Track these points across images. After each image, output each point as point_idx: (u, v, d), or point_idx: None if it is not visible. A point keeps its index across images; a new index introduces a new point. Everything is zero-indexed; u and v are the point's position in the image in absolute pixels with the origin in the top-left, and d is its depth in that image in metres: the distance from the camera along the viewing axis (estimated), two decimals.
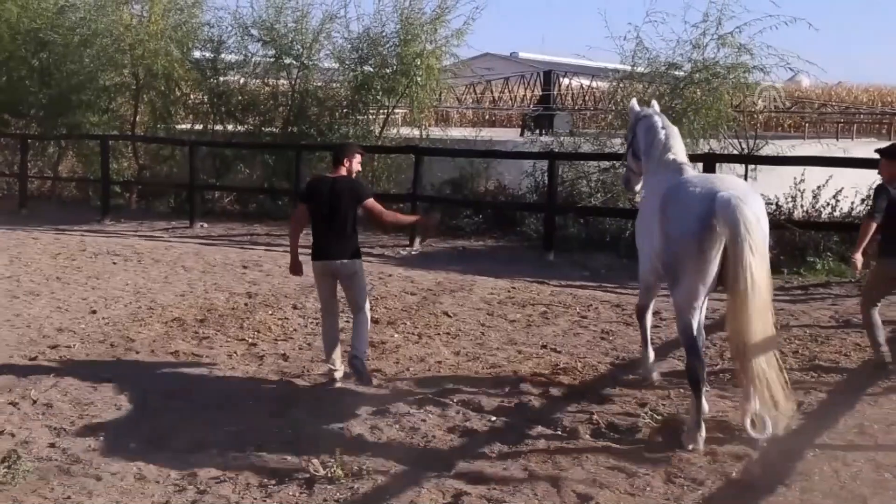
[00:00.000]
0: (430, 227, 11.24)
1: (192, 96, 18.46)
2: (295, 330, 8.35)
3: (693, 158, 12.28)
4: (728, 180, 5.89)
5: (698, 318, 5.59)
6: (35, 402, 6.16)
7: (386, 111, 16.73)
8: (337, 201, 6.70)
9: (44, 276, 10.81)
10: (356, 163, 6.93)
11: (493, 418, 5.89)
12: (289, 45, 16.34)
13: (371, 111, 16.73)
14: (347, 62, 16.37)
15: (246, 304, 9.39)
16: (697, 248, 5.29)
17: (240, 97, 17.42)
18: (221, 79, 17.46)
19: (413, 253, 12.85)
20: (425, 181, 14.10)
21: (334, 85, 16.94)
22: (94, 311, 8.98)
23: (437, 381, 6.72)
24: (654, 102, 7.11)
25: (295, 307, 9.28)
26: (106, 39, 16.99)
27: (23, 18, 17.56)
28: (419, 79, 15.57)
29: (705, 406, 5.56)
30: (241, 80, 17.60)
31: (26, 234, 14.12)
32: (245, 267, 11.58)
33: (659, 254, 5.73)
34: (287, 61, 16.52)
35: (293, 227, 7.19)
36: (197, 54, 17.65)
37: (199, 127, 18.13)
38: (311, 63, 16.61)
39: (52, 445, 5.38)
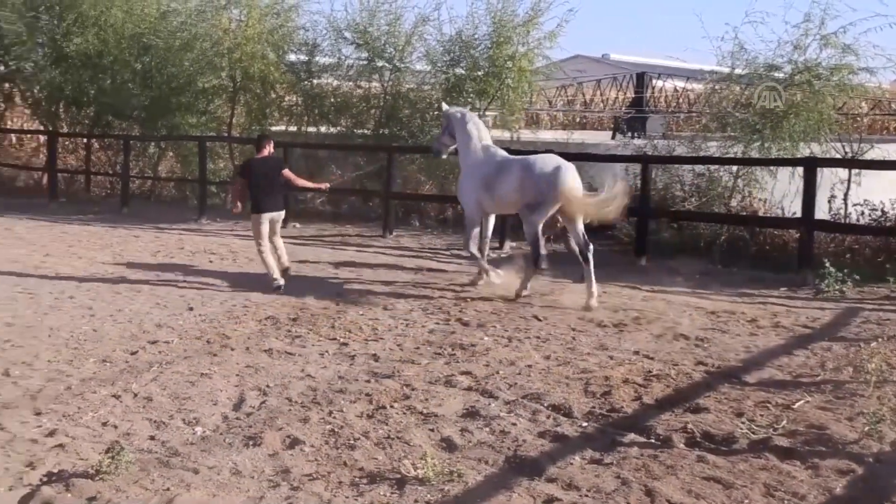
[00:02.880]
0: (322, 191, 13.85)
1: (286, 98, 18.75)
2: (387, 330, 8.40)
3: (794, 162, 12.03)
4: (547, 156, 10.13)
5: (539, 230, 9.51)
6: (136, 395, 6.33)
7: (477, 113, 16.69)
8: (271, 172, 10.33)
9: (143, 272, 11.12)
10: (271, 147, 10.70)
11: (585, 424, 5.81)
12: (381, 48, 16.47)
13: None
14: (439, 64, 16.42)
15: (337, 305, 9.49)
16: (551, 194, 9.35)
17: (333, 99, 17.61)
18: (315, 81, 17.69)
19: (503, 255, 12.81)
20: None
21: (425, 87, 17.00)
22: (191, 308, 9.20)
23: (526, 384, 6.67)
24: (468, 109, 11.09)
25: (385, 308, 9.34)
26: (205, 43, 17.39)
27: (127, 24, 18.12)
28: (511, 81, 15.51)
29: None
30: (335, 83, 17.80)
31: (128, 231, 14.57)
32: (336, 267, 11.71)
33: (512, 200, 9.74)
34: (379, 64, 16.65)
35: (237, 191, 10.77)
36: (292, 57, 17.93)
37: (293, 128, 18.41)
38: (403, 65, 16.70)
39: (152, 438, 5.52)
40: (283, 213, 10.59)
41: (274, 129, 18.36)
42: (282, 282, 10.08)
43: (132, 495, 4.67)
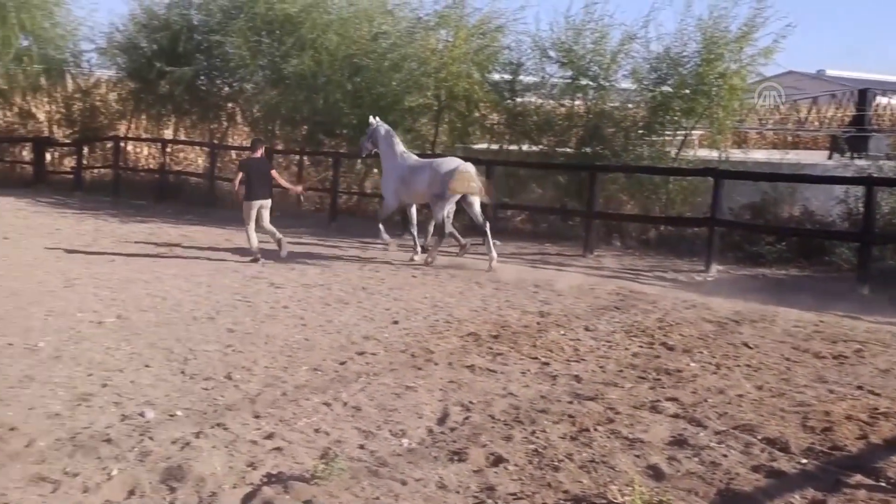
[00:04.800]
0: (296, 193, 16.04)
1: (489, 117, 18.97)
2: (588, 351, 8.27)
3: None
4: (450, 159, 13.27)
5: (444, 213, 12.72)
6: (345, 404, 6.52)
7: (684, 132, 16.30)
8: (262, 169, 13.24)
9: (351, 285, 11.49)
10: (262, 150, 13.49)
11: (804, 461, 5.46)
12: (586, 66, 16.38)
13: (667, 132, 16.37)
14: (645, 82, 16.14)
15: (538, 323, 9.44)
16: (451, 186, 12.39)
17: (535, 118, 17.67)
18: (518, 100, 17.82)
19: (709, 279, 12.37)
20: (723, 205, 13.53)
21: (630, 106, 16.75)
22: (396, 322, 9.40)
23: (738, 415, 6.36)
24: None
25: (587, 328, 9.21)
26: (413, 63, 17.88)
27: (341, 46, 18.92)
28: (721, 99, 15.01)
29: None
30: (538, 101, 17.86)
31: (334, 246, 15.14)
32: (537, 286, 11.68)
33: (422, 193, 12.95)
34: (583, 82, 16.57)
35: (239, 181, 13.26)
36: (496, 76, 18.16)
37: (494, 146, 18.60)
38: (607, 84, 16.54)
39: (361, 447, 5.65)
40: (270, 201, 13.26)
41: (476, 146, 18.63)
42: (260, 255, 12.89)
43: (344, 502, 4.79)
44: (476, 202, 12.99)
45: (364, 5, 19.42)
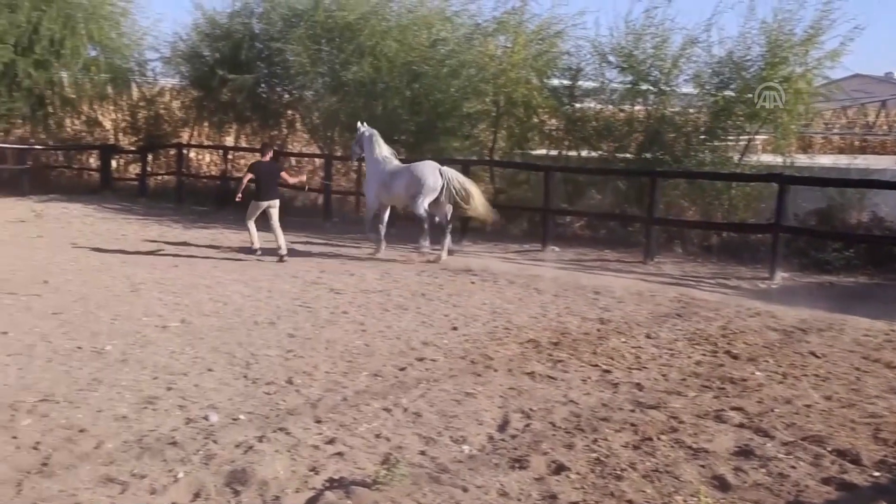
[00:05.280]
0: (300, 184, 16.24)
1: (548, 122, 18.88)
2: (650, 359, 8.16)
3: None
4: (426, 163, 14.04)
5: (423, 211, 13.67)
6: (406, 410, 6.53)
7: (747, 137, 16.04)
8: (272, 170, 14.05)
9: (410, 291, 11.51)
10: (271, 154, 14.37)
11: (877, 474, 5.32)
12: (646, 71, 16.22)
13: (730, 137, 16.12)
14: (707, 87, 15.92)
15: (598, 330, 9.36)
16: (433, 188, 13.45)
17: (594, 123, 17.54)
18: (577, 105, 17.71)
19: (773, 286, 12.14)
20: (788, 211, 13.26)
21: (691, 110, 16.53)
22: (455, 328, 9.39)
23: (806, 426, 6.22)
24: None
25: (648, 336, 9.10)
26: (472, 70, 17.87)
27: (400, 53, 18.98)
28: (787, 104, 14.74)
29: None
30: (597, 107, 17.73)
31: (392, 250, 15.16)
32: (597, 292, 11.58)
33: (401, 195, 13.90)
34: (644, 87, 16.40)
35: (245, 182, 13.97)
36: (555, 82, 18.07)
37: (553, 152, 18.50)
38: (668, 88, 16.35)
39: (422, 453, 5.65)
40: (278, 201, 13.96)
41: (535, 152, 18.56)
42: (260, 252, 13.73)
43: None
44: (445, 203, 13.88)
45: (423, 12, 19.47)
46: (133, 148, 25.24)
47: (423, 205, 13.72)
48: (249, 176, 13.96)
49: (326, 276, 12.43)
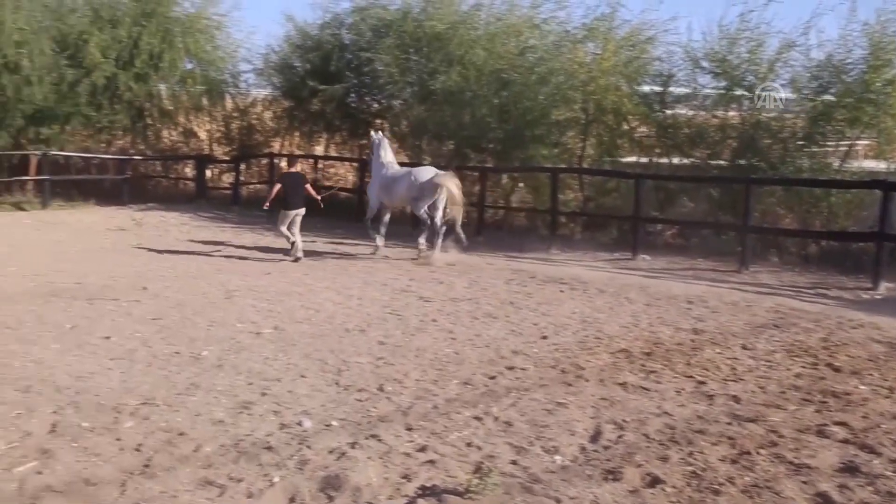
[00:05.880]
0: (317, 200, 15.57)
1: (638, 129, 18.64)
2: (747, 371, 7.95)
3: None
4: (425, 168, 15.31)
5: (422, 212, 14.53)
6: (496, 418, 6.48)
7: (847, 143, 15.56)
8: (299, 181, 14.81)
9: (499, 300, 11.47)
10: (297, 166, 15.63)
11: None
12: (741, 76, 15.89)
13: (829, 143, 15.65)
14: (805, 91, 15.49)
15: (692, 341, 9.16)
16: (431, 191, 14.31)
17: (686, 130, 17.25)
18: (669, 112, 17.45)
19: (877, 297, 11.71)
20: (892, 218, 12.76)
21: (788, 116, 16.10)
22: (544, 337, 9.31)
23: None
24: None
25: (745, 347, 8.86)
26: (560, 77, 17.79)
27: (488, 61, 19.04)
28: (889, 108, 14.23)
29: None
30: (689, 113, 17.43)
31: (481, 259, 15.15)
32: (690, 302, 11.35)
33: (402, 197, 14.85)
34: (738, 92, 16.06)
35: (275, 191, 14.70)
36: (645, 88, 17.85)
37: (643, 160, 18.25)
38: (764, 93, 15.97)
39: (513, 462, 5.60)
40: (303, 210, 14.62)
41: (624, 160, 18.35)
42: (301, 255, 14.44)
43: None
44: (441, 206, 14.67)
45: (512, 20, 19.49)
46: (227, 158, 25.88)
47: (423, 207, 14.57)
48: (278, 186, 14.71)
49: (415, 284, 12.48)
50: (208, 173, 26.01)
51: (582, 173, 18.21)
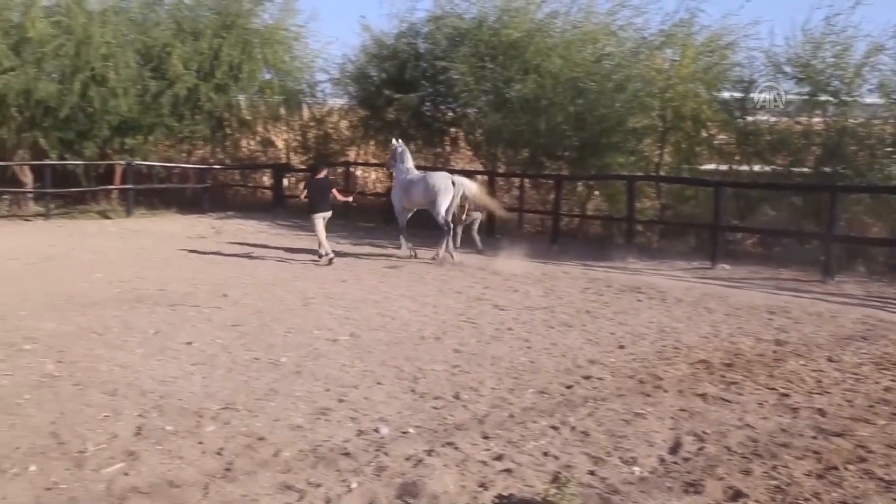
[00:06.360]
0: (349, 203, 17.21)
1: (717, 137, 18.32)
2: (833, 384, 7.71)
3: None
4: (440, 173, 16.15)
5: (442, 215, 15.17)
6: (573, 428, 6.41)
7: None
8: (324, 186, 15.42)
9: (574, 308, 11.37)
10: (324, 172, 15.96)
11: None
12: (826, 81, 15.50)
13: None
14: (894, 96, 15.02)
15: (774, 352, 8.93)
16: (450, 192, 15.16)
17: (768, 137, 16.88)
18: (749, 118, 17.10)
19: None
20: None
21: (876, 122, 15.63)
22: (622, 346, 9.19)
23: None
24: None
25: (830, 359, 8.61)
26: (638, 84, 17.60)
27: (564, 69, 18.95)
28: None
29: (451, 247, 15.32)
30: (771, 119, 17.06)
31: (557, 267, 15.04)
32: (772, 312, 11.08)
33: (419, 200, 15.57)
34: (823, 98, 15.66)
35: (303, 197, 15.66)
36: (725, 95, 17.53)
37: (723, 167, 17.92)
38: (850, 99, 15.54)
39: (591, 473, 5.53)
40: (329, 213, 15.39)
41: (703, 167, 18.04)
42: (332, 255, 15.05)
43: None
44: (452, 208, 15.49)
45: (588, 28, 19.36)
46: (303, 166, 26.25)
47: (442, 209, 15.34)
48: (305, 192, 15.62)
49: (490, 292, 12.45)
50: (285, 182, 26.40)
51: (659, 181, 17.96)
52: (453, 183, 15.40)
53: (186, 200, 24.60)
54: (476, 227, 16.92)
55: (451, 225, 15.48)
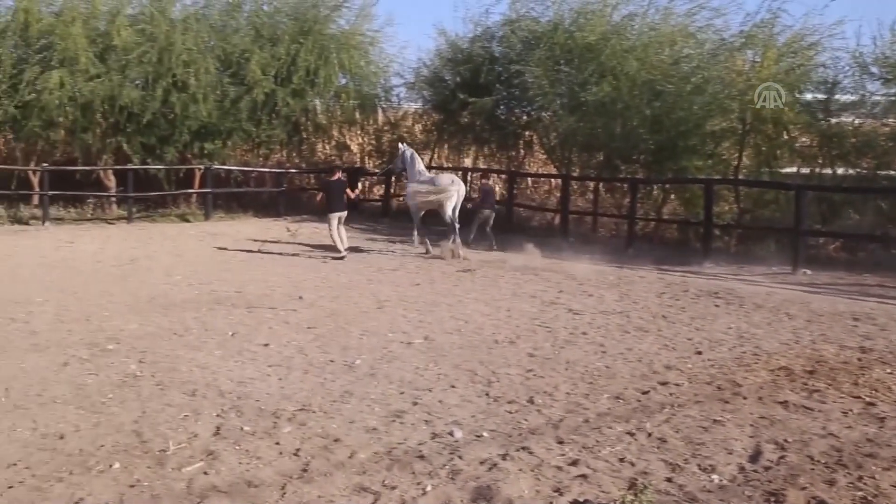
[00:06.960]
0: (352, 199, 17.07)
1: (799, 139, 17.89)
2: None
3: None
4: (445, 175, 18.20)
5: (449, 213, 16.43)
6: (650, 434, 6.32)
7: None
8: (341, 187, 16.24)
9: (651, 313, 11.22)
10: (339, 174, 16.78)
11: None
12: None
13: None
14: None
15: (859, 360, 8.68)
16: (453, 193, 16.55)
17: (853, 139, 16.42)
18: (833, 120, 16.67)
19: None
20: None
21: None
22: (699, 352, 9.03)
23: None
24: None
25: None
26: (717, 86, 17.31)
27: (641, 71, 18.73)
28: None
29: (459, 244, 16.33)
30: (856, 121, 16.59)
31: (632, 272, 14.87)
32: (856, 319, 10.77)
33: (430, 202, 16.85)
34: None
35: (320, 198, 17.12)
36: (807, 96, 17.12)
37: (805, 170, 17.49)
38: None
39: (668, 480, 5.44)
40: (345, 213, 16.31)
41: (784, 171, 17.65)
42: (346, 254, 15.96)
43: None
44: (448, 207, 16.56)
45: (666, 30, 19.12)
46: (378, 170, 26.45)
47: (448, 208, 16.47)
48: (321, 194, 16.87)
49: (564, 296, 12.37)
50: (360, 185, 26.62)
51: (738, 184, 17.61)
52: (454, 183, 16.81)
53: (263, 204, 24.99)
54: (490, 224, 17.94)
55: (455, 222, 16.50)
